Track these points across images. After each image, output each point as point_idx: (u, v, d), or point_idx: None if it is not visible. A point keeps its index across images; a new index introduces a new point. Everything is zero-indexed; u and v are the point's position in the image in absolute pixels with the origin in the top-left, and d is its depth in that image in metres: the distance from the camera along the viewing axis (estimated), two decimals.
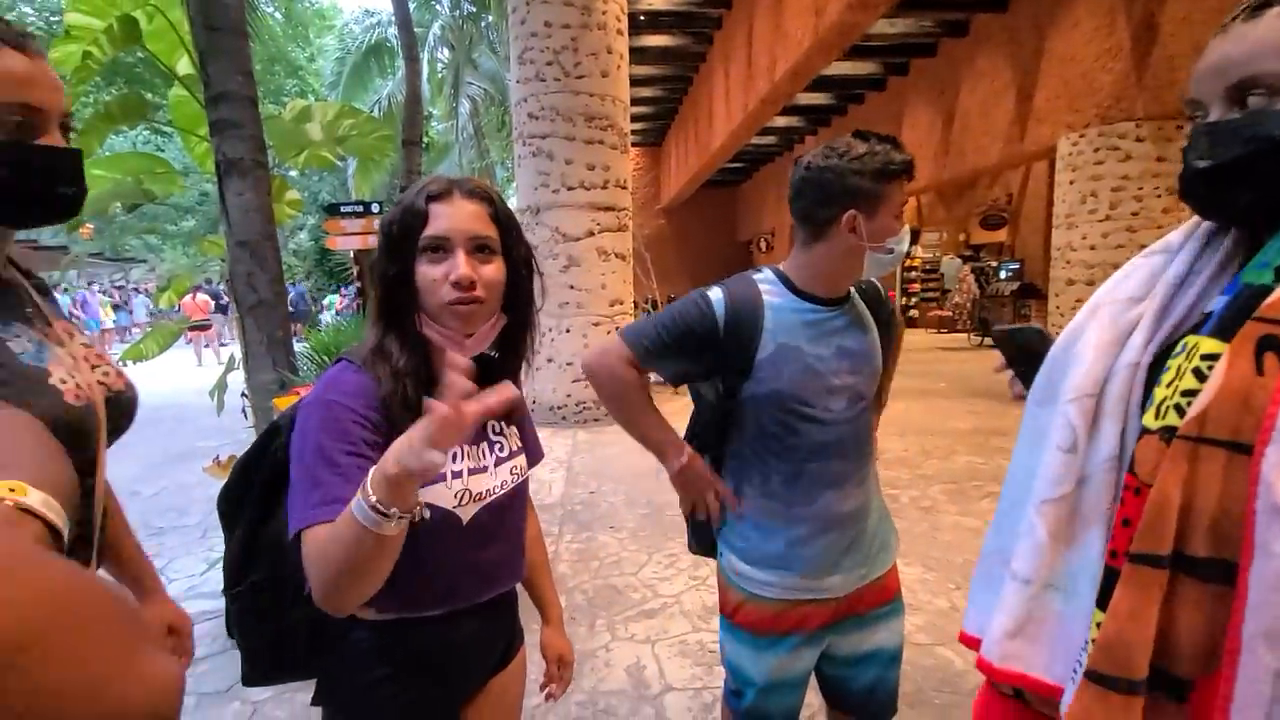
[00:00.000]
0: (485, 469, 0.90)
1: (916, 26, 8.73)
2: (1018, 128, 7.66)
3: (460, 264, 0.81)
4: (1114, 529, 0.64)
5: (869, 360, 1.14)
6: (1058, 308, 6.77)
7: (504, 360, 0.95)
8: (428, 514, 0.83)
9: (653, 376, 1.20)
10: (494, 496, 0.90)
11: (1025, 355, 0.83)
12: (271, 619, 0.89)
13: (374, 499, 0.65)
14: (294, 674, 0.93)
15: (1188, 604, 0.57)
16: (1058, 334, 0.77)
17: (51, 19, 13.75)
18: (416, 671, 0.88)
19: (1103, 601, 0.63)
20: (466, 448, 0.90)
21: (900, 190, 1.06)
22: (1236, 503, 0.54)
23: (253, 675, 0.93)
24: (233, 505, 0.92)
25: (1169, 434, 0.59)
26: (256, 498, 0.89)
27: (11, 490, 0.40)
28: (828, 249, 1.08)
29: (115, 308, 15.49)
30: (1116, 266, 0.78)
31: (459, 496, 0.86)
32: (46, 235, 18.15)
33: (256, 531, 0.89)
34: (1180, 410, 0.58)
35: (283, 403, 1.86)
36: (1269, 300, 0.57)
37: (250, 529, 0.89)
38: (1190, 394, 0.58)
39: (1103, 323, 0.70)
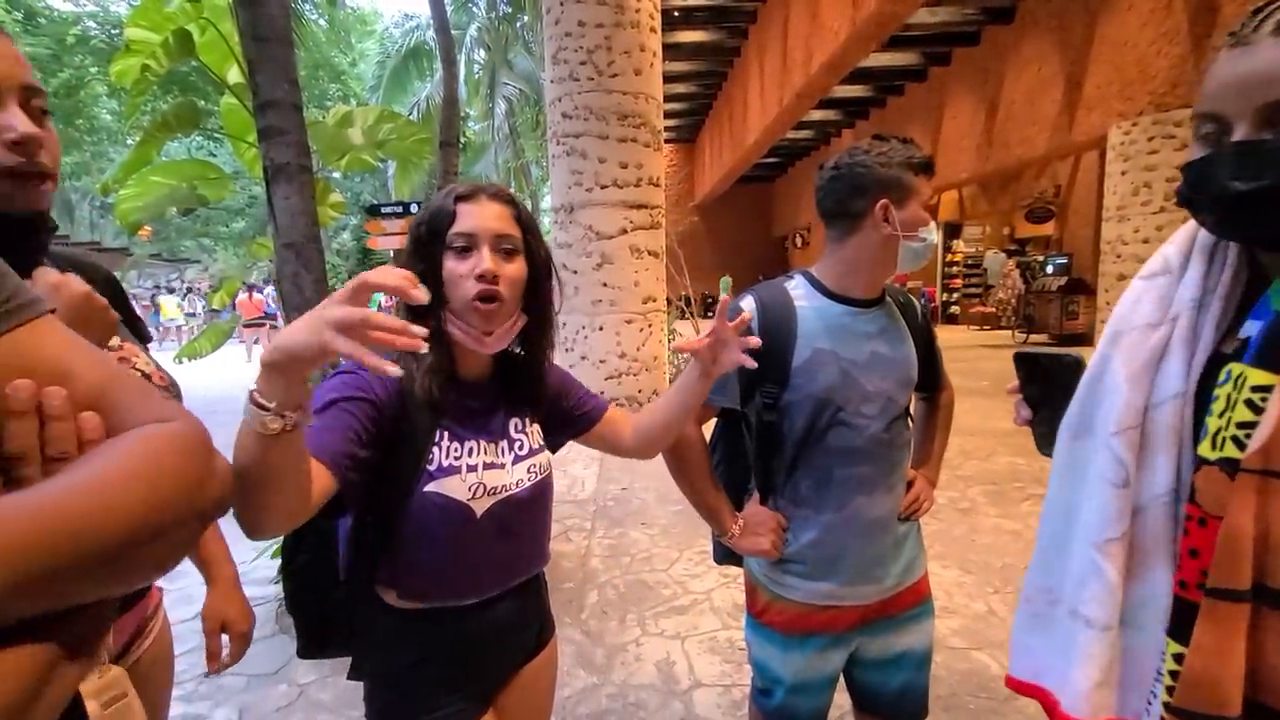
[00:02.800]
0: (502, 466, 0.93)
1: (959, 14, 8.49)
2: (1066, 116, 7.38)
3: (485, 259, 0.85)
4: (1180, 559, 0.63)
5: (901, 368, 1.13)
6: (1108, 304, 6.51)
7: (526, 358, 0.99)
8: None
9: None
10: (510, 493, 0.92)
11: (1044, 382, 0.79)
12: (318, 598, 0.94)
13: (253, 387, 0.60)
14: (339, 650, 0.98)
15: (1276, 636, 0.56)
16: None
17: (113, 32, 14.46)
18: (443, 656, 0.91)
19: (1175, 632, 0.62)
20: (484, 443, 0.92)
21: (925, 185, 1.08)
22: None
23: (305, 649, 0.98)
24: None
25: (1230, 466, 0.58)
26: None
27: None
28: (862, 241, 1.08)
29: (215, 312, 16.08)
30: None
31: (473, 490, 0.88)
32: (109, 237, 19.12)
33: None
34: (1239, 442, 0.58)
35: None
36: None
37: None
38: (1246, 426, 0.57)
39: (1127, 352, 0.69)
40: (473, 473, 0.89)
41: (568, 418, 1.06)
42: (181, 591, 2.89)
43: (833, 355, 1.07)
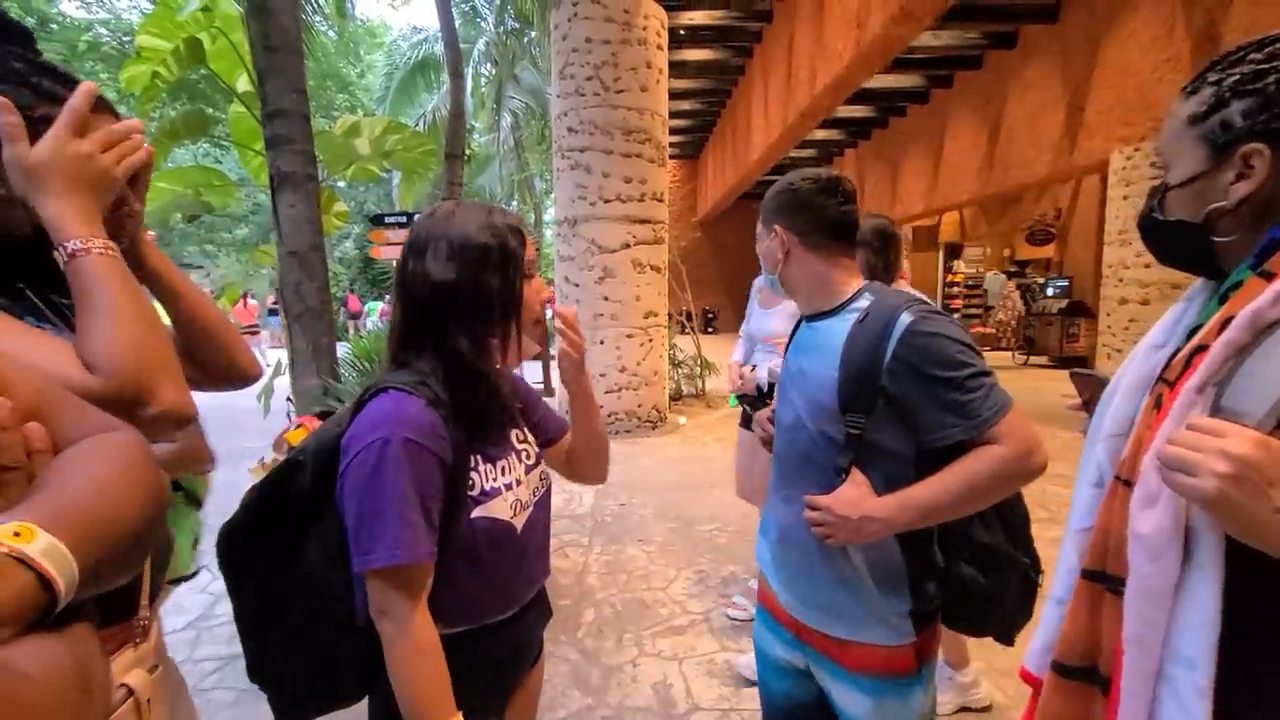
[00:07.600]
0: (521, 481, 0.95)
1: (962, 38, 8.58)
2: (1067, 141, 7.43)
3: (541, 285, 0.96)
4: None
5: (812, 390, 1.04)
6: (1109, 328, 6.50)
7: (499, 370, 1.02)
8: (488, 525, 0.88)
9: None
10: (531, 503, 0.96)
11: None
12: (319, 652, 0.87)
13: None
14: (342, 701, 0.92)
15: (1108, 612, 0.69)
16: (1110, 352, 0.84)
17: (124, 39, 14.61)
18: (480, 676, 0.91)
19: None
20: (511, 460, 0.94)
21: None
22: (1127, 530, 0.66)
23: (295, 711, 0.92)
24: (252, 542, 0.86)
25: None
26: (288, 533, 0.85)
27: (16, 535, 0.36)
28: None
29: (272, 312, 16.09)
30: (1174, 286, 0.86)
31: (513, 507, 0.90)
32: None
33: (286, 567, 0.85)
34: None
35: (295, 437, 1.84)
36: (1172, 360, 0.68)
37: (279, 566, 0.85)
38: None
39: (1133, 368, 0.77)
40: (510, 490, 0.91)
41: (536, 430, 1.08)
42: (172, 602, 2.85)
43: (783, 361, 1.21)
